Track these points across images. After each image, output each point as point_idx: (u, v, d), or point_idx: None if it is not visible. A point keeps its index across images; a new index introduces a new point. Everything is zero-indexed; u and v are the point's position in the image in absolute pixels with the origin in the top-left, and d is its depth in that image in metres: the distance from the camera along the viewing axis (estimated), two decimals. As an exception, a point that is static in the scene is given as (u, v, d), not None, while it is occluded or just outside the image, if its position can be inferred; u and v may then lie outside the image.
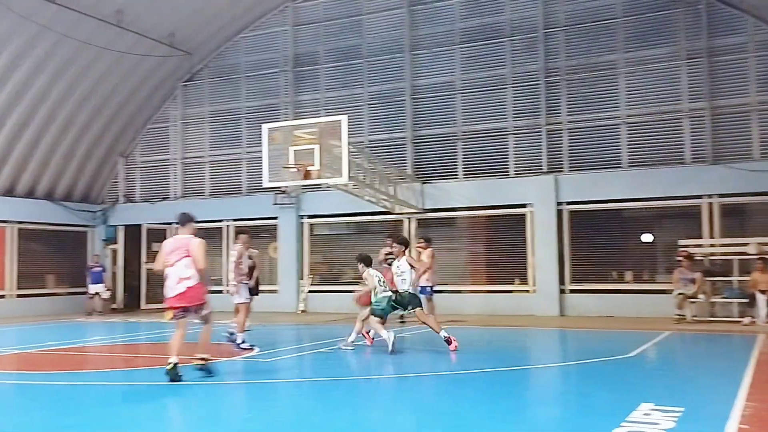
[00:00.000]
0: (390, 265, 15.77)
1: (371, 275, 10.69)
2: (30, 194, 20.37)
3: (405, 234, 18.23)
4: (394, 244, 11.38)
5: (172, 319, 8.34)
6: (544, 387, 8.57)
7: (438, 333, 10.43)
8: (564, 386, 8.51)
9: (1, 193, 19.57)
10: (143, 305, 21.00)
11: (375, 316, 10.57)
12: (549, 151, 17.74)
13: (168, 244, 8.54)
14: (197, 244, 8.40)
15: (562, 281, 17.16)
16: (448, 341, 10.23)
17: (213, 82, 21.64)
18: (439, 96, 19.02)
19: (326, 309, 18.47)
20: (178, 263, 8.31)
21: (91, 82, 19.72)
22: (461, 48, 18.84)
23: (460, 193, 18.25)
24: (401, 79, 19.33)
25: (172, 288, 8.29)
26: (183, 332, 8.30)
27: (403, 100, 19.25)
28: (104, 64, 19.55)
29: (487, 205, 18.07)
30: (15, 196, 19.91)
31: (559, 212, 17.36)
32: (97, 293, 19.88)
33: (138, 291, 21.47)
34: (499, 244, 18.21)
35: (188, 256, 8.32)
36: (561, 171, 17.57)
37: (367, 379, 8.82)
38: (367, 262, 10.95)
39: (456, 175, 18.62)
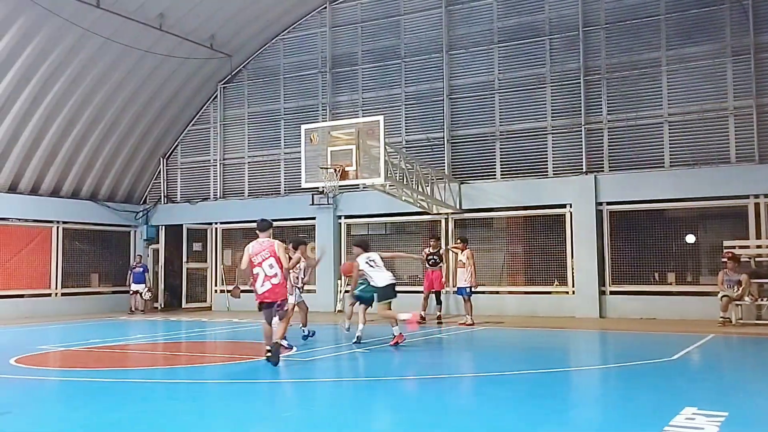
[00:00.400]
0: (432, 265, 15.80)
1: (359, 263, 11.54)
2: (75, 195, 20.87)
3: (441, 234, 18.24)
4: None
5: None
6: (584, 390, 8.45)
7: (392, 326, 11.17)
8: (605, 389, 8.39)
9: (48, 193, 20.09)
10: (184, 304, 21.32)
11: (361, 303, 11.74)
12: (588, 151, 17.51)
13: (252, 247, 9.36)
14: (280, 247, 9.36)
15: (602, 282, 16.91)
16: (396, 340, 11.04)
17: (252, 84, 21.88)
18: (476, 96, 18.92)
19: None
20: (264, 263, 9.19)
21: (134, 85, 20.12)
22: (499, 47, 18.72)
23: (498, 194, 18.12)
24: (438, 79, 19.28)
25: (260, 285, 9.22)
26: (270, 325, 9.20)
27: (441, 100, 19.20)
28: (147, 68, 19.93)
29: (526, 206, 17.91)
30: (61, 197, 20.43)
31: (599, 212, 17.11)
32: (137, 292, 20.26)
33: (179, 290, 21.81)
34: (538, 244, 18.03)
35: (272, 256, 9.20)
36: (601, 171, 17.33)
37: (404, 380, 8.81)
38: (364, 247, 11.86)
39: (494, 175, 18.50)
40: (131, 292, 20.33)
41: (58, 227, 20.35)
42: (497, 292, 18.20)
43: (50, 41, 17.55)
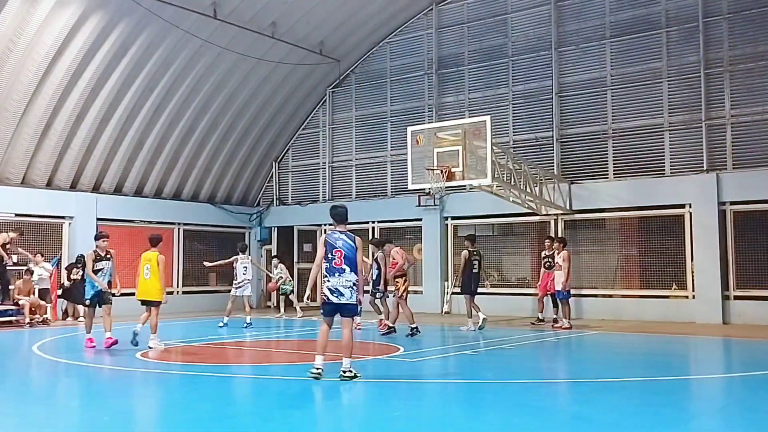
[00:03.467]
0: (548, 267, 15.48)
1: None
2: (194, 198, 21.99)
3: (546, 236, 17.79)
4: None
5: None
6: (705, 398, 8.00)
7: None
8: (729, 399, 7.91)
9: (170, 197, 21.27)
10: (295, 304, 21.89)
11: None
12: (710, 148, 16.58)
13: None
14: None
15: (725, 287, 15.95)
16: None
17: (360, 87, 22.24)
18: (587, 93, 18.35)
19: (471, 311, 18.35)
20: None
21: (248, 92, 20.94)
22: (612, 42, 18.07)
23: (611, 194, 17.49)
24: (547, 77, 18.86)
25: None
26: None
27: (550, 99, 18.77)
28: (260, 75, 20.69)
29: (641, 206, 17.18)
30: (181, 200, 21.58)
31: (722, 213, 16.16)
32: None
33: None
34: (654, 246, 17.23)
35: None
36: (724, 168, 16.36)
37: (513, 383, 8.65)
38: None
39: (606, 174, 17.87)
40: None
41: (179, 228, 21.48)
42: (610, 296, 17.57)
43: (172, 52, 18.56)
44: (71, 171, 18.76)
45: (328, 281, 8.26)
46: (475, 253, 14.56)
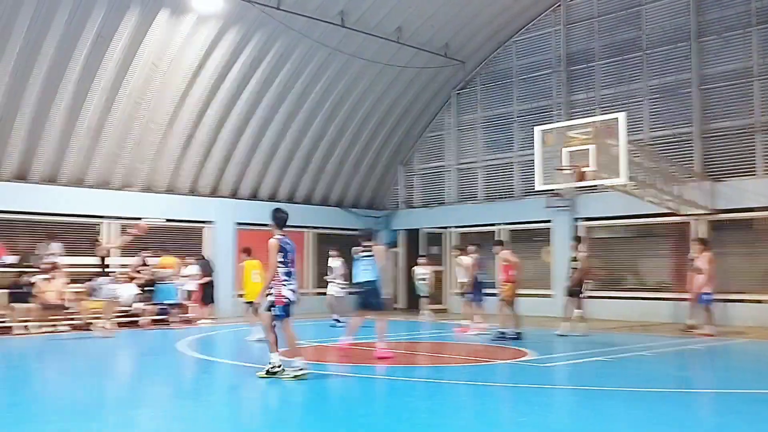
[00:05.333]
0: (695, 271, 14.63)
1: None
2: (324, 202, 22.65)
3: (693, 237, 16.76)
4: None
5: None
6: None
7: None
8: None
9: (301, 201, 22.04)
10: (424, 306, 21.99)
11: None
12: None
13: None
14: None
15: None
16: None
17: (485, 88, 22.02)
18: (732, 84, 17.15)
19: (604, 315, 17.67)
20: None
21: (374, 97, 21.33)
22: (759, 30, 16.79)
23: (760, 192, 16.22)
24: (686, 69, 17.81)
25: None
26: None
27: (689, 92, 17.71)
28: (386, 79, 21.01)
29: (794, 205, 15.83)
30: (312, 204, 22.30)
31: None
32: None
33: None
34: (811, 248, 15.82)
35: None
36: None
37: (650, 392, 8.21)
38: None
39: (753, 171, 16.61)
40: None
41: (310, 232, 22.21)
42: (759, 301, 16.28)
43: (302, 62, 19.23)
44: (212, 178, 19.90)
45: (291, 284, 8.61)
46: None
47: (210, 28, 17.23)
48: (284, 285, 8.56)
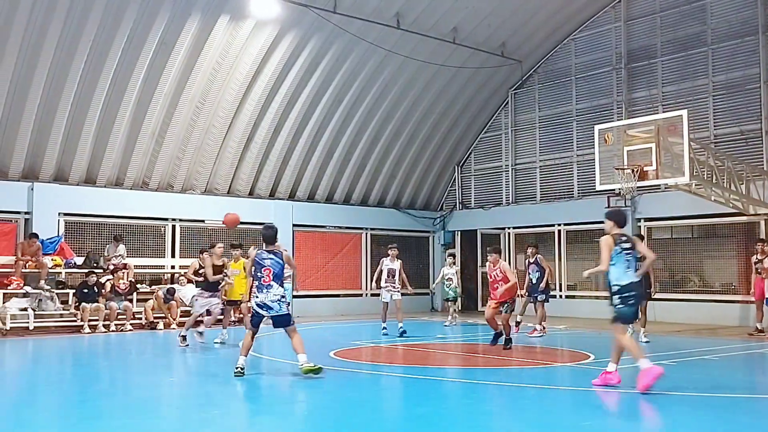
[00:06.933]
0: (761, 273, 14.09)
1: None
2: (380, 204, 22.73)
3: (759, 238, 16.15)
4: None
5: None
6: None
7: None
8: None
9: (358, 203, 22.17)
10: (480, 307, 21.88)
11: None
12: None
13: None
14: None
15: None
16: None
17: (543, 87, 21.73)
18: (802, 79, 16.49)
19: (668, 318, 17.21)
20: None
21: (430, 98, 21.28)
22: (832, 20, 16.10)
23: (834, 190, 15.55)
24: (754, 64, 17.20)
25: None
26: None
27: (757, 87, 17.10)
28: (441, 80, 20.94)
29: None
30: (368, 206, 22.40)
31: None
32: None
33: (475, 293, 22.46)
34: None
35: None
36: None
37: (716, 396, 7.95)
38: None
39: (827, 169, 15.93)
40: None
41: (366, 233, 22.31)
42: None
43: (358, 64, 19.35)
44: (270, 180, 20.21)
45: (257, 297, 8.97)
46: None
47: (267, 33, 17.51)
48: (255, 297, 9.09)
